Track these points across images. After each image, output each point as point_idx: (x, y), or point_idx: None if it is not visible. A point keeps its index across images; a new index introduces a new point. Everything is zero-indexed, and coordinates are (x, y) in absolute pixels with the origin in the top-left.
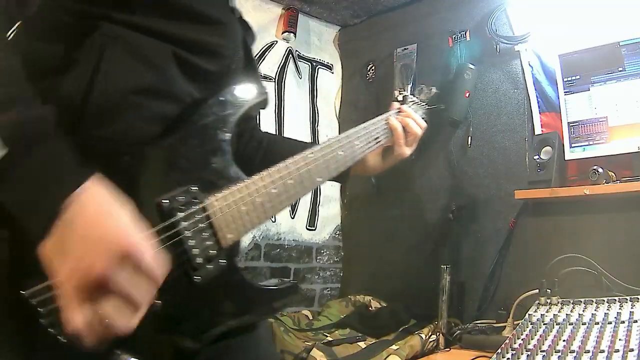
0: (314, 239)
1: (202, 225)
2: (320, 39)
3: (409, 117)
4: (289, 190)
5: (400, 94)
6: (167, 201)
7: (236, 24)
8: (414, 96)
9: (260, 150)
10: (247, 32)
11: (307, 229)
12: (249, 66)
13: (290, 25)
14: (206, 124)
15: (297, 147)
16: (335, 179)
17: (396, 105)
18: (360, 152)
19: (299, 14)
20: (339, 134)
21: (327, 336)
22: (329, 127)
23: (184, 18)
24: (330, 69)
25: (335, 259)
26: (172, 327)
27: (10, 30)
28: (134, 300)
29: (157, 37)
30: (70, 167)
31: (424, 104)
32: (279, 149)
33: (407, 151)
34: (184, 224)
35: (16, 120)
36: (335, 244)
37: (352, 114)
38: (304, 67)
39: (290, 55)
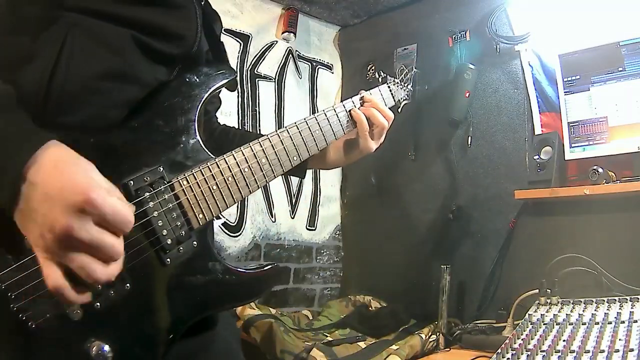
0: (314, 239)
1: (171, 205)
2: (320, 39)
3: (374, 107)
4: (263, 169)
5: (379, 75)
6: (132, 182)
7: (193, 4)
8: (395, 78)
9: (229, 135)
10: (211, 15)
11: (307, 229)
12: (216, 48)
13: (290, 25)
14: (171, 104)
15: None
16: (293, 173)
17: (362, 92)
18: (337, 132)
19: (299, 14)
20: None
21: (327, 336)
22: None
23: (139, 2)
24: (330, 69)
25: (335, 259)
26: (144, 313)
27: None
28: (105, 247)
29: (115, 22)
30: (30, 132)
31: (405, 84)
32: (248, 136)
33: (373, 145)
34: (151, 204)
35: None
36: (335, 244)
37: None
38: (304, 67)
39: (290, 55)
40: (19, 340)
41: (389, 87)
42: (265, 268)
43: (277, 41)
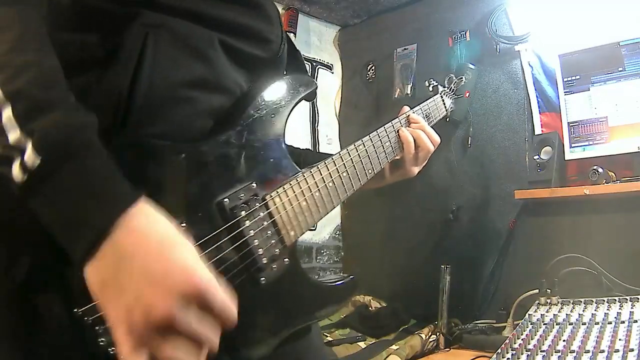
0: (314, 239)
1: (265, 223)
2: (320, 39)
3: (422, 129)
4: (346, 184)
5: (430, 84)
6: (228, 200)
7: (274, 5)
8: (445, 87)
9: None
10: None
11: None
12: (294, 54)
13: (290, 25)
14: (260, 116)
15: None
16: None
17: (406, 110)
18: (389, 155)
19: (299, 14)
20: (339, 134)
21: (327, 336)
22: (329, 127)
23: (226, 1)
24: (330, 69)
25: (335, 259)
26: (240, 334)
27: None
28: (203, 341)
29: (201, 23)
30: (120, 184)
31: (453, 93)
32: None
33: (416, 170)
34: (248, 223)
35: (58, 124)
36: (335, 244)
37: (352, 114)
38: None
39: None
40: None
41: (442, 97)
42: (345, 280)
43: None
